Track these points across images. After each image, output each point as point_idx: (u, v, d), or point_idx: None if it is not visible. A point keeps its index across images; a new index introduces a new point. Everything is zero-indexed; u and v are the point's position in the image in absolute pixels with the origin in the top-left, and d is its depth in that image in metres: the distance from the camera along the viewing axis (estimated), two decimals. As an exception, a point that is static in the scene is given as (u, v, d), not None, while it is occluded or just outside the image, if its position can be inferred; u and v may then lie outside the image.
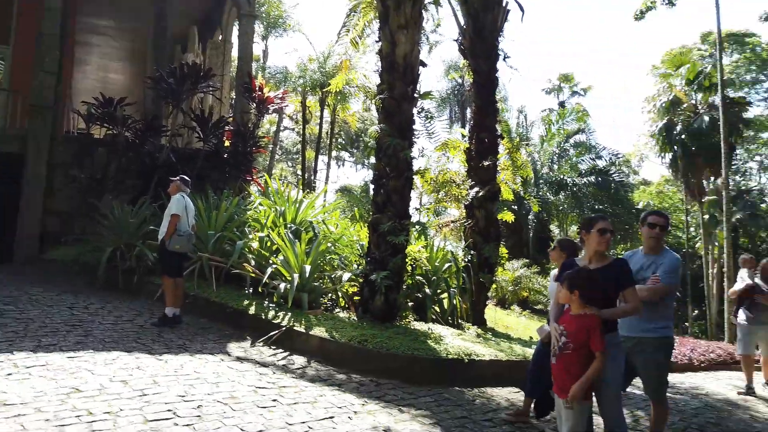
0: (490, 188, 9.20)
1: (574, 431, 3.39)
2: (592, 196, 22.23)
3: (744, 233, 30.15)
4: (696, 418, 5.80)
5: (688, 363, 9.73)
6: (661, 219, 4.34)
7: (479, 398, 5.49)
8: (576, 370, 3.38)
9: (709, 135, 22.11)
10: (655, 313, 4.12)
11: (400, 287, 7.40)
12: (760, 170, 34.87)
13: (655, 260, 4.24)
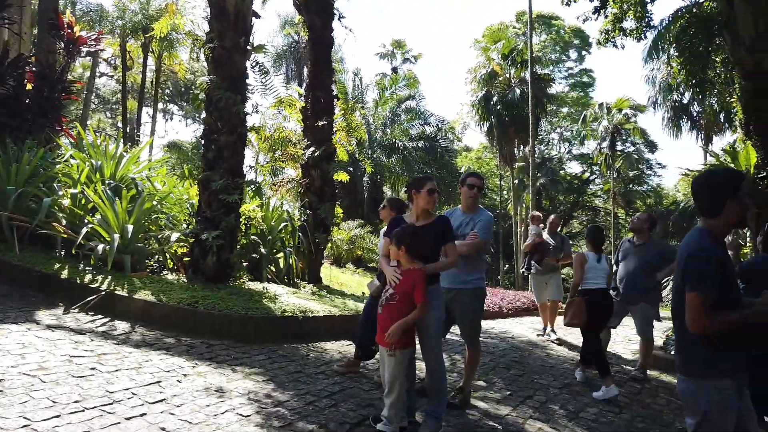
0: (326, 148, 9.27)
1: (396, 377, 3.61)
2: (421, 160, 23.55)
3: (546, 196, 34.34)
4: (503, 358, 6.58)
5: (498, 311, 10.90)
6: (478, 180, 4.75)
7: (313, 353, 5.64)
8: (399, 319, 3.61)
9: (520, 107, 24.49)
10: (471, 267, 4.55)
11: (233, 247, 7.21)
12: (560, 141, 39.64)
13: (472, 218, 4.64)
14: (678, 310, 2.59)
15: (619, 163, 32.00)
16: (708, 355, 2.49)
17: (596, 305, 5.66)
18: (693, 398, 2.53)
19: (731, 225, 2.61)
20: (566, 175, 36.86)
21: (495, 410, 4.63)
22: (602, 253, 6.00)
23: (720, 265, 2.48)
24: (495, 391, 5.22)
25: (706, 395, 2.48)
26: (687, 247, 2.56)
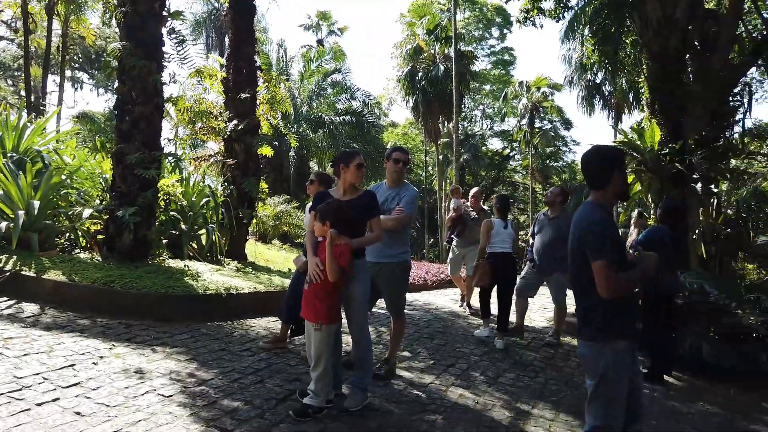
0: (250, 121, 9.03)
1: (322, 351, 3.62)
2: (348, 135, 23.39)
3: (469, 172, 35.23)
4: (427, 328, 6.76)
5: (423, 283, 11.16)
6: (403, 155, 4.79)
7: (238, 330, 5.56)
8: (323, 295, 3.62)
9: (444, 83, 24.83)
10: (397, 240, 4.61)
11: (151, 224, 6.93)
12: (482, 118, 40.63)
13: (398, 193, 4.69)
14: (576, 279, 2.81)
15: (537, 139, 33.26)
16: (604, 319, 2.70)
17: (501, 267, 6.25)
18: (592, 360, 2.74)
19: (617, 196, 2.85)
20: (488, 151, 37.96)
21: (419, 379, 4.77)
22: (508, 220, 6.51)
23: (613, 232, 2.73)
24: (419, 360, 5.37)
25: (603, 357, 2.68)
26: (583, 221, 2.76)
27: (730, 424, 4.71)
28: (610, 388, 2.68)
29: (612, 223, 2.79)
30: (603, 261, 2.62)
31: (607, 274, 2.61)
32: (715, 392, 5.64)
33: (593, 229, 2.70)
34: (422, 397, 4.34)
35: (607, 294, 2.63)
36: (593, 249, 2.66)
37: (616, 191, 2.80)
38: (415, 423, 3.78)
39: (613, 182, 2.76)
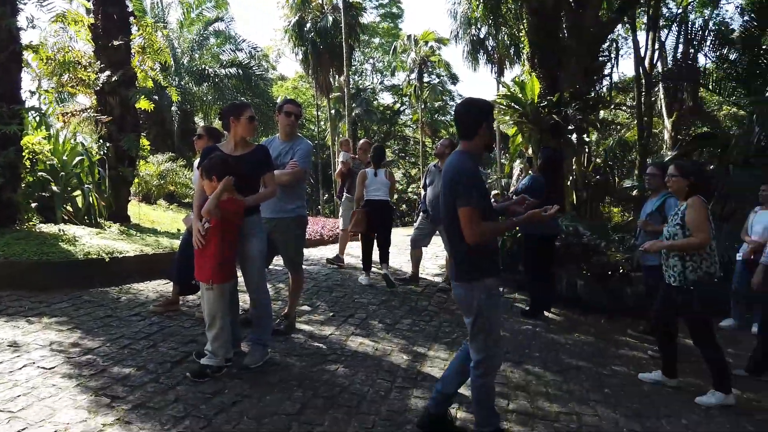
0: (125, 72, 8.31)
1: (215, 311, 3.54)
2: (235, 88, 22.34)
3: (361, 126, 35.25)
4: (326, 282, 6.81)
5: (319, 238, 11.17)
6: (295, 108, 4.67)
7: (125, 295, 5.27)
8: (212, 251, 3.49)
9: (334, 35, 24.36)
10: (291, 195, 4.54)
11: (16, 186, 6.27)
12: (373, 72, 40.57)
13: (291, 147, 4.59)
14: (448, 226, 2.95)
15: (426, 94, 33.85)
16: (475, 260, 2.89)
17: (377, 214, 6.69)
18: (467, 300, 2.92)
19: (484, 147, 3.01)
20: (379, 105, 38.13)
21: (319, 331, 4.83)
22: (380, 169, 6.89)
23: (480, 181, 2.89)
24: (319, 313, 5.42)
25: (477, 295, 2.88)
26: (453, 169, 2.88)
27: (601, 350, 5.25)
28: (487, 322, 2.89)
29: (479, 172, 2.95)
30: (470, 208, 2.77)
31: (473, 220, 2.77)
32: (588, 324, 6.25)
33: (462, 178, 2.81)
34: (323, 348, 4.40)
35: (472, 239, 2.80)
36: (461, 196, 2.79)
37: (483, 142, 2.96)
38: (316, 374, 3.83)
39: (481, 133, 2.92)
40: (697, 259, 3.97)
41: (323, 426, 3.07)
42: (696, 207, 3.98)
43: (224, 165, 3.52)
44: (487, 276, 2.90)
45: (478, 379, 2.95)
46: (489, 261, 2.93)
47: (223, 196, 3.47)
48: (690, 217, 3.97)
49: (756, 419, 3.84)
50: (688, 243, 3.95)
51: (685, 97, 15.64)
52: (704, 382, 4.54)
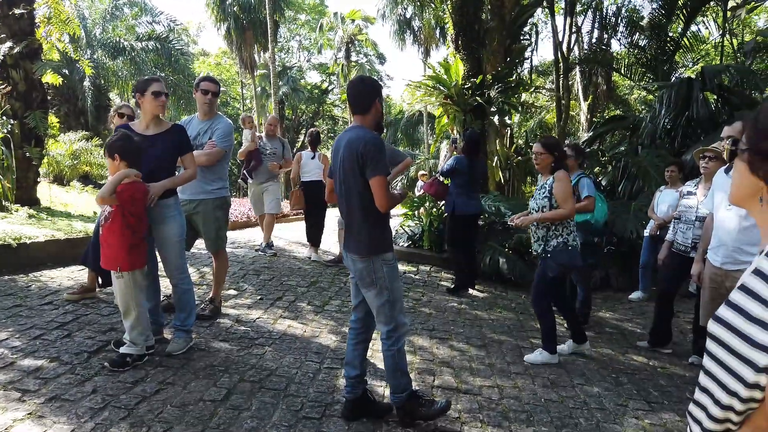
0: (29, 44, 7.73)
1: (128, 299, 3.39)
2: (153, 63, 21.27)
3: (289, 105, 34.57)
4: (253, 265, 6.70)
5: (246, 220, 10.95)
6: (213, 85, 4.50)
7: (36, 283, 4.97)
8: (115, 239, 3.33)
9: (257, 10, 23.63)
10: (212, 176, 4.41)
11: None
12: (299, 49, 39.79)
13: (210, 125, 4.44)
14: (347, 199, 3.01)
15: (353, 73, 33.61)
16: (378, 234, 2.99)
17: (310, 194, 6.99)
18: (368, 273, 2.98)
19: (376, 122, 3.10)
20: (307, 84, 37.48)
21: (246, 315, 4.76)
22: (317, 153, 7.20)
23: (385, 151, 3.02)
24: (246, 297, 5.33)
25: (379, 268, 2.96)
26: (359, 140, 2.91)
27: (521, 324, 5.50)
28: (391, 294, 2.99)
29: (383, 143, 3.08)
30: (382, 177, 2.87)
31: (385, 188, 2.89)
32: (509, 299, 6.51)
33: (371, 148, 2.87)
34: (250, 332, 4.35)
35: (385, 207, 2.92)
36: (373, 166, 2.85)
37: (375, 118, 3.06)
38: (243, 358, 3.79)
39: (374, 109, 3.03)
40: (559, 229, 4.26)
41: (250, 410, 3.05)
42: (563, 180, 4.21)
43: (125, 143, 3.34)
44: (388, 250, 3.02)
45: (391, 348, 3.04)
46: (389, 235, 3.07)
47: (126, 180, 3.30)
48: (557, 189, 4.19)
49: (659, 383, 4.16)
50: (558, 214, 4.18)
51: (600, 81, 16.44)
52: (615, 351, 4.87)
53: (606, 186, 8.95)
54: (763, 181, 1.14)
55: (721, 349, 1.14)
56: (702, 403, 1.21)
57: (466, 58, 9.67)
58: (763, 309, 1.04)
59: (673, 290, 4.90)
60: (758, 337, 1.04)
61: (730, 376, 1.10)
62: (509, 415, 3.36)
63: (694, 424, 1.24)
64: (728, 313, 1.15)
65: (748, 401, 1.08)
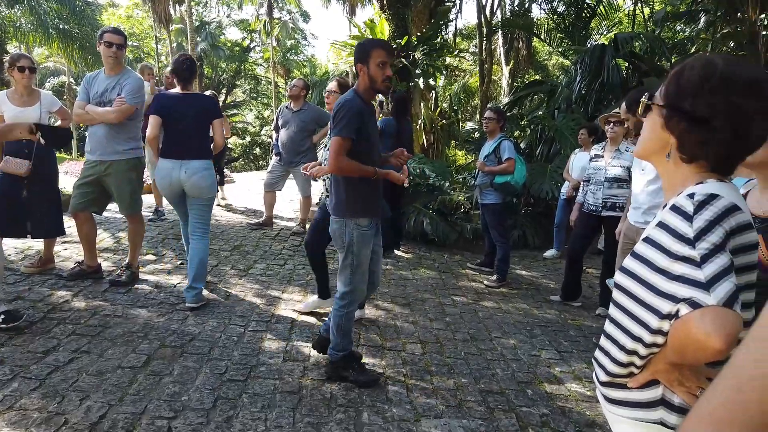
0: None
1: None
2: (56, 14, 19.58)
3: (208, 63, 33.04)
4: (172, 229, 6.45)
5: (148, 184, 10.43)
6: (117, 36, 4.18)
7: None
8: None
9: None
10: (124, 135, 4.18)
11: None
12: (218, 4, 37.82)
13: (118, 81, 4.16)
14: None
15: (276, 31, 32.50)
16: (350, 197, 3.01)
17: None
18: (340, 234, 3.06)
19: (369, 88, 3.01)
20: (227, 41, 35.86)
21: (167, 281, 4.62)
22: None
23: (360, 116, 2.91)
24: (165, 262, 5.16)
25: (349, 231, 3.03)
26: (337, 102, 2.97)
27: (444, 283, 5.68)
28: (356, 258, 3.05)
29: (364, 108, 2.96)
30: (339, 138, 2.86)
31: (337, 150, 2.87)
32: (433, 259, 6.69)
33: (343, 106, 2.89)
34: (171, 297, 4.23)
35: (332, 169, 2.93)
36: (337, 124, 2.88)
37: (363, 82, 2.98)
38: (164, 324, 3.69)
39: (361, 73, 2.97)
40: None
41: (172, 375, 2.99)
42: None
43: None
44: (361, 215, 3.02)
45: (342, 309, 3.13)
46: (364, 201, 3.03)
47: None
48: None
49: (570, 334, 4.45)
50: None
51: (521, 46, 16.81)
52: (530, 306, 5.15)
53: (525, 149, 9.27)
54: (675, 138, 1.20)
55: (627, 298, 1.22)
56: (606, 349, 1.30)
57: (391, 18, 9.57)
58: (668, 260, 1.12)
59: (583, 248, 5.20)
60: (663, 286, 1.11)
61: (635, 323, 1.19)
62: (431, 368, 3.50)
63: (599, 368, 1.34)
64: (634, 263, 1.23)
65: (651, 346, 1.17)
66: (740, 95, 1.09)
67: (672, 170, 1.24)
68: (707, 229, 1.08)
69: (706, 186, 1.15)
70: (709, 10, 10.32)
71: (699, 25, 11.59)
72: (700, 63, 1.15)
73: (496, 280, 5.72)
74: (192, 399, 2.78)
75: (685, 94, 1.15)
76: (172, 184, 4.05)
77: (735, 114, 1.10)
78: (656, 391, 1.22)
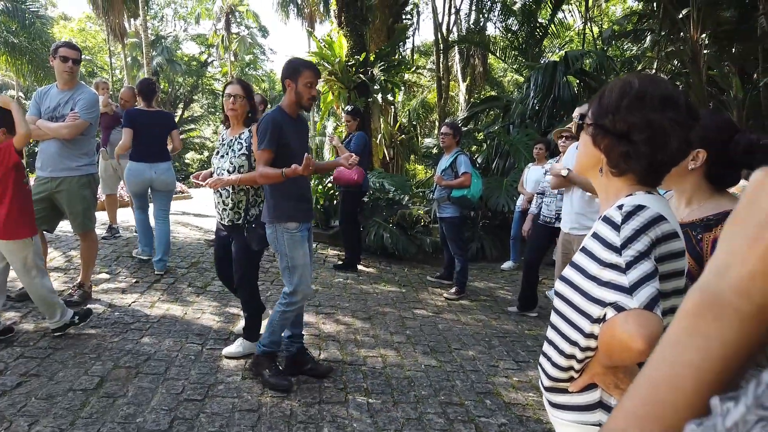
0: None
1: None
2: (4, 27, 18.97)
3: (164, 77, 32.51)
4: (127, 247, 6.29)
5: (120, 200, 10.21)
6: (73, 51, 4.11)
7: None
8: None
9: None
10: (76, 151, 4.10)
11: None
12: (175, 18, 37.39)
13: (72, 96, 4.08)
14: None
15: (234, 45, 32.32)
16: (279, 203, 3.17)
17: None
18: (273, 239, 3.22)
19: (294, 103, 3.19)
20: (184, 55, 35.41)
21: (121, 300, 4.51)
22: None
23: (281, 129, 3.09)
24: (120, 281, 5.03)
25: (280, 236, 3.17)
26: (261, 119, 3.16)
27: (404, 296, 5.72)
28: (290, 261, 3.18)
29: (285, 121, 3.15)
30: (261, 150, 3.08)
31: (258, 161, 3.11)
32: (394, 272, 6.73)
33: (262, 125, 3.09)
34: (125, 317, 4.13)
35: (258, 177, 3.12)
36: (260, 139, 3.08)
37: (290, 99, 3.17)
38: (118, 344, 3.60)
39: (288, 90, 3.15)
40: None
41: (126, 397, 2.92)
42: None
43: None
44: (291, 220, 3.16)
45: (281, 306, 3.24)
46: (293, 206, 3.18)
47: None
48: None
49: (527, 344, 4.55)
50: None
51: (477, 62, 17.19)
52: (489, 317, 5.23)
53: (481, 163, 9.46)
54: (603, 153, 1.28)
55: (565, 305, 1.29)
56: (548, 354, 1.36)
57: (349, 34, 9.66)
58: (598, 267, 1.19)
59: (539, 259, 5.34)
60: (593, 292, 1.18)
61: (571, 328, 1.25)
62: (392, 382, 3.51)
63: (543, 374, 1.39)
64: (570, 272, 1.30)
65: (586, 350, 1.23)
66: (655, 110, 1.18)
67: (606, 184, 1.31)
68: (633, 237, 1.15)
69: (634, 198, 1.23)
70: (654, 30, 10.81)
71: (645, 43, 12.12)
72: (619, 83, 1.25)
73: (455, 293, 5.80)
74: (147, 420, 2.72)
75: (606, 112, 1.24)
76: (143, 181, 5.16)
77: (651, 128, 1.19)
78: (594, 394, 1.27)
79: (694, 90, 8.70)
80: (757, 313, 0.39)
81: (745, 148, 1.58)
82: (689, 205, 1.74)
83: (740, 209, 0.42)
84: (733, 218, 0.43)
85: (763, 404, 0.30)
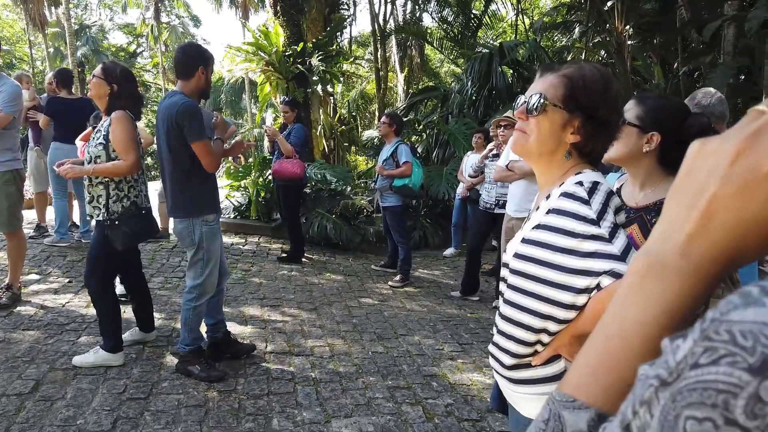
0: None
1: None
2: None
3: (90, 68, 30.95)
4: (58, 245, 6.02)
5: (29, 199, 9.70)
6: None
7: None
8: None
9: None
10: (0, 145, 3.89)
11: None
12: (100, 6, 35.63)
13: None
14: (169, 165, 3.07)
15: (165, 35, 31.18)
16: (198, 197, 3.10)
17: None
18: (188, 233, 3.12)
19: (199, 89, 3.14)
20: (111, 45, 33.83)
21: (53, 300, 4.31)
22: None
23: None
24: (51, 281, 4.81)
25: (198, 228, 3.11)
26: (174, 107, 2.97)
27: (349, 285, 5.75)
28: (206, 253, 3.14)
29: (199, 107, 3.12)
30: (204, 140, 2.99)
31: (209, 150, 3.02)
32: (338, 263, 6.74)
33: (185, 115, 2.94)
34: (59, 318, 3.96)
35: (214, 167, 3.07)
36: (194, 131, 2.95)
37: (198, 84, 3.10)
38: (53, 346, 3.46)
39: (197, 76, 3.07)
40: None
41: (65, 399, 2.82)
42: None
43: None
44: (210, 212, 3.13)
45: (190, 303, 3.18)
46: (213, 197, 3.18)
47: None
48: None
49: (470, 327, 4.68)
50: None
51: (414, 53, 17.33)
52: (433, 302, 5.34)
53: (422, 152, 9.58)
54: (581, 138, 1.29)
55: (530, 282, 1.27)
56: (509, 333, 1.33)
57: (286, 24, 9.52)
58: (576, 240, 1.20)
59: (481, 245, 5.49)
60: (574, 264, 1.19)
61: (543, 302, 1.24)
62: (340, 370, 3.55)
63: (503, 354, 1.35)
64: (531, 249, 1.28)
65: (562, 322, 1.24)
66: (618, 100, 1.31)
67: (558, 165, 1.34)
68: (603, 210, 1.22)
69: (587, 175, 1.29)
70: (582, 21, 11.22)
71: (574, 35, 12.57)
72: (596, 74, 1.30)
73: (400, 280, 5.88)
74: (89, 422, 2.64)
75: (597, 102, 1.28)
76: None
77: (619, 116, 1.33)
78: (559, 364, 1.29)
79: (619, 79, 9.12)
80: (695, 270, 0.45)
81: (698, 131, 1.62)
82: (643, 188, 1.77)
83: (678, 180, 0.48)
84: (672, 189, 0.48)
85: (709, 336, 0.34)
